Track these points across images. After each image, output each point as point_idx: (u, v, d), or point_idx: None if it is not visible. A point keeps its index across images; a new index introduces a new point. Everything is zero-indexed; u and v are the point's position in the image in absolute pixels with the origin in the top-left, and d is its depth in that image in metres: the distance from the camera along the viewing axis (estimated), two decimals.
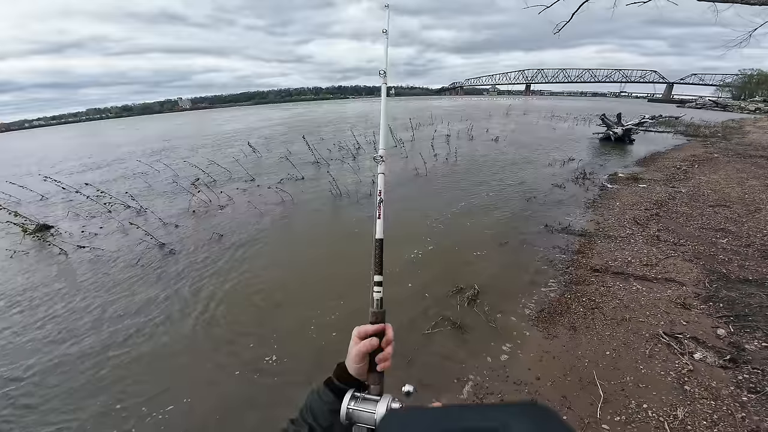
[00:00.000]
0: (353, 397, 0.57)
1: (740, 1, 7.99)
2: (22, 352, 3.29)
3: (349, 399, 0.56)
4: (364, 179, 8.50)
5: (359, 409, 0.55)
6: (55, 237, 6.09)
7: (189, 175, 9.73)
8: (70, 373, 3.02)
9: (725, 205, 5.83)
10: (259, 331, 3.37)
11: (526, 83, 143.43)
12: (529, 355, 2.87)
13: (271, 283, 4.22)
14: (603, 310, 3.32)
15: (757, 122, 20.42)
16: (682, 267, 3.97)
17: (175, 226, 6.23)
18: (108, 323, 3.65)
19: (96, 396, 2.76)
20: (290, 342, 3.21)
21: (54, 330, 3.59)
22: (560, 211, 6.06)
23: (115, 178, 10.99)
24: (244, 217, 6.51)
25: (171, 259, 4.99)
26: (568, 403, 2.39)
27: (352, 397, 0.57)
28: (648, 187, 7.28)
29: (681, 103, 47.21)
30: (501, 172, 9.04)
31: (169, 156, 14.52)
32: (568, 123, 21.06)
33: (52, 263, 5.14)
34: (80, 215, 7.25)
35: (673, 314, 3.17)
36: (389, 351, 0.62)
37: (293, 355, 3.05)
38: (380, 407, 0.54)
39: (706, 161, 9.52)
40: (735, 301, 3.27)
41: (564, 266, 4.20)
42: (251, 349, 3.15)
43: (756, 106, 37.66)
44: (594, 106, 38.77)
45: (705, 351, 2.72)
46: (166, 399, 2.68)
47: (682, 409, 2.26)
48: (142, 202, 7.51)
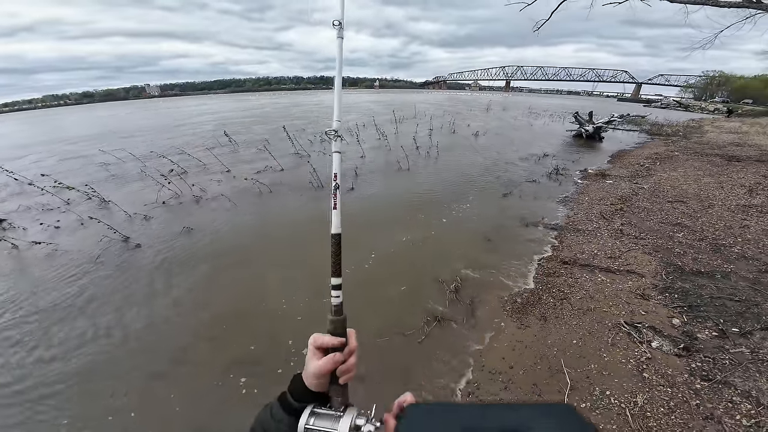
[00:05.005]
0: (313, 413, 0.52)
1: (710, 3, 8.45)
2: None
3: (307, 416, 0.51)
4: (347, 170, 8.41)
5: (319, 428, 0.50)
6: (7, 231, 5.61)
7: (158, 165, 9.21)
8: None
9: (682, 201, 6.24)
10: (228, 331, 3.28)
11: (507, 80, 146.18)
12: (503, 345, 2.98)
13: (244, 281, 4.10)
14: (571, 301, 3.48)
15: (715, 122, 21.96)
16: (642, 259, 4.22)
17: (144, 218, 5.90)
18: (60, 325, 3.42)
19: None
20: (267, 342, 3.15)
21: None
22: (534, 206, 6.29)
23: (74, 168, 10.23)
24: (218, 210, 6.27)
25: (136, 253, 4.73)
26: (539, 391, 2.51)
27: (311, 413, 0.52)
28: (614, 183, 7.67)
29: (647, 103, 49.86)
30: (480, 167, 9.21)
31: (135, 145, 13.67)
32: (544, 120, 21.75)
33: (2, 259, 4.73)
34: (35, 208, 6.71)
35: (634, 304, 3.38)
36: (353, 362, 0.56)
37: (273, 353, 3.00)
38: (343, 424, 0.49)
39: (667, 159, 10.14)
40: (688, 292, 3.53)
41: (536, 259, 4.37)
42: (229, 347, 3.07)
43: (715, 106, 40.49)
44: (568, 104, 40.22)
45: (661, 339, 2.92)
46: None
47: (641, 395, 2.41)
48: (105, 193, 7.04)
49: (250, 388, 2.64)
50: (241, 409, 2.47)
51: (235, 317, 3.44)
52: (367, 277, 4.00)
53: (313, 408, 0.52)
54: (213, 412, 2.47)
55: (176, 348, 3.07)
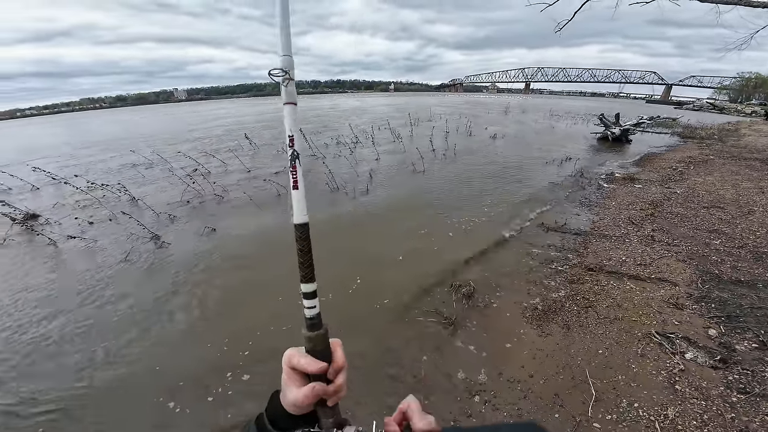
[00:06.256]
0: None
1: (743, 3, 7.99)
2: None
3: None
4: (361, 173, 8.46)
5: None
6: (44, 227, 5.97)
7: (184, 166, 9.59)
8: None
9: (719, 207, 5.87)
10: (252, 328, 3.34)
11: (526, 82, 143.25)
12: (522, 353, 2.87)
13: (265, 279, 4.18)
14: (596, 309, 3.32)
15: (753, 125, 20.59)
16: (675, 267, 3.98)
17: (169, 216, 6.13)
18: (96, 317, 3.60)
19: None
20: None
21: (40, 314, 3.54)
22: (557, 210, 6.07)
23: (108, 168, 10.81)
24: (239, 209, 6.44)
25: (163, 251, 4.91)
26: (561, 401, 2.40)
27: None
28: (644, 187, 7.31)
29: (678, 105, 47.55)
30: (497, 170, 9.02)
31: (162, 148, 14.30)
32: (567, 122, 21.10)
33: (40, 254, 5.03)
34: (71, 205, 7.12)
35: (666, 314, 3.18)
36: (341, 381, 0.45)
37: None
38: None
39: (701, 163, 9.58)
40: (726, 302, 3.29)
41: (559, 265, 4.20)
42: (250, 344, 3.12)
43: (752, 109, 38.02)
44: (593, 106, 38.88)
45: (696, 351, 2.73)
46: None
47: (672, 408, 2.26)
48: (134, 192, 7.39)
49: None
50: None
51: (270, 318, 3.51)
52: (379, 281, 3.97)
53: (303, 431, 0.44)
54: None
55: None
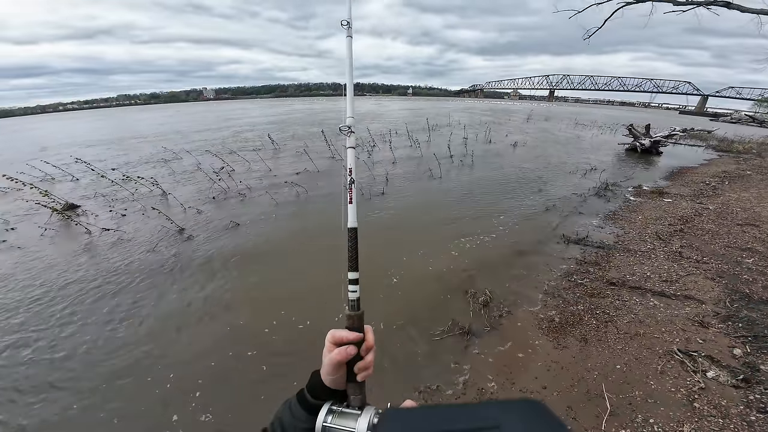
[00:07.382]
0: (330, 411, 0.51)
1: None
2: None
3: (325, 414, 0.50)
4: (378, 176, 8.58)
5: (337, 426, 0.49)
6: (81, 217, 6.40)
7: (212, 163, 10.04)
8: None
9: (754, 225, 5.56)
10: (275, 323, 3.48)
11: (551, 89, 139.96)
12: (537, 364, 2.84)
13: (284, 277, 4.33)
14: (617, 324, 3.25)
15: None
16: (703, 285, 3.83)
17: (197, 211, 6.44)
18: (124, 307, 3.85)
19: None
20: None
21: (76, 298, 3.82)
22: (579, 222, 5.91)
23: (141, 163, 11.45)
24: (261, 207, 6.68)
25: (189, 244, 5.18)
26: (573, 414, 2.37)
27: (329, 411, 0.51)
28: (673, 201, 7.02)
29: (714, 117, 45.18)
30: (518, 179, 8.88)
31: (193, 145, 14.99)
32: (593, 131, 20.46)
33: (77, 243, 5.39)
34: (107, 197, 7.60)
35: (690, 332, 3.08)
36: (370, 359, 0.54)
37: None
38: (361, 422, 0.48)
39: (737, 178, 9.09)
40: (755, 322, 3.15)
41: (579, 278, 4.12)
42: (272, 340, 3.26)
43: None
44: (621, 115, 37.57)
45: (719, 370, 2.64)
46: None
47: (688, 425, 2.22)
48: (164, 186, 7.80)
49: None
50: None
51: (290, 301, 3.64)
52: (392, 288, 3.96)
53: (330, 405, 0.52)
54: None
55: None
